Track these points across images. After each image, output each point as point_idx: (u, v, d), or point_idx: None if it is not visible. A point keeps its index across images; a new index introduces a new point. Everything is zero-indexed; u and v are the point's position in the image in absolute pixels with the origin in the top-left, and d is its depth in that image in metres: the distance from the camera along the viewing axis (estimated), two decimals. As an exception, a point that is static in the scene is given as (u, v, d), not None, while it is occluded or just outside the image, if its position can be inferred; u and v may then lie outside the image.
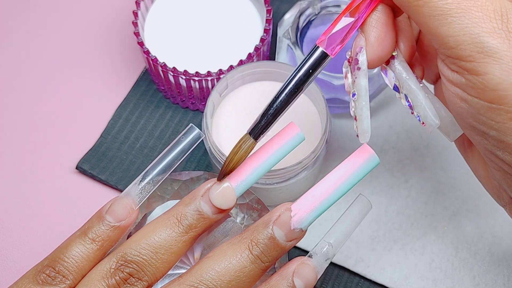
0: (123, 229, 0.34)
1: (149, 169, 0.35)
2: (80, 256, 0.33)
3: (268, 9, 0.49)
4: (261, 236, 0.33)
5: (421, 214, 0.49)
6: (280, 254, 0.33)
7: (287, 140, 0.35)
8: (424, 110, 0.34)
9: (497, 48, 0.28)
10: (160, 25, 0.51)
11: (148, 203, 0.39)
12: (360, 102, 0.34)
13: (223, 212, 0.34)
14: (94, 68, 0.55)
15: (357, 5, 0.33)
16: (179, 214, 0.33)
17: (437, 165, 0.50)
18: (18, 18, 0.57)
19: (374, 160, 0.34)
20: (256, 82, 0.47)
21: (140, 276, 0.32)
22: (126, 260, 0.32)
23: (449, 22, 0.29)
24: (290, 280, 0.33)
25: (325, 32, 0.34)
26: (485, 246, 0.48)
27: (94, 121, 0.53)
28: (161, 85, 0.51)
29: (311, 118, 0.45)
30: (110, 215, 0.34)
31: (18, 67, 0.55)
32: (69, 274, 0.32)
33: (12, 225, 0.50)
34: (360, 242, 0.48)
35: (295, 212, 0.33)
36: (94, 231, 0.34)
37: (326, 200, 0.34)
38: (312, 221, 0.33)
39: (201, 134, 0.36)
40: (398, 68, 0.34)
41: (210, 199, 0.34)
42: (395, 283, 0.47)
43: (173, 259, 0.33)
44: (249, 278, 0.32)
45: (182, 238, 0.33)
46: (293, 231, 0.33)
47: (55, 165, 0.51)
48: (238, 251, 0.32)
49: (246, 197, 0.39)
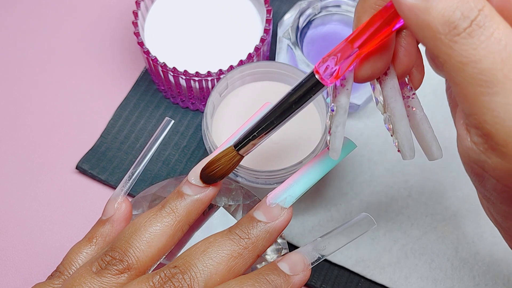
0: (111, 222, 0.35)
1: (132, 168, 0.37)
2: (82, 259, 0.35)
3: (268, 9, 0.49)
4: (242, 220, 0.33)
5: (421, 214, 0.49)
6: (264, 234, 0.33)
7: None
8: (402, 140, 0.32)
9: None
10: (160, 25, 0.51)
11: (150, 205, 0.39)
12: (337, 119, 0.32)
13: (205, 190, 0.34)
14: (94, 68, 0.55)
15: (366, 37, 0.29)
16: (164, 200, 0.34)
17: (437, 165, 0.50)
18: (18, 18, 0.57)
19: (348, 144, 0.34)
20: (256, 82, 0.47)
21: (121, 257, 0.32)
22: (112, 246, 0.33)
23: (493, 93, 0.25)
24: (275, 264, 0.32)
25: (324, 58, 0.30)
26: (485, 246, 0.48)
27: (94, 121, 0.53)
28: (161, 85, 0.51)
29: (311, 118, 0.45)
30: (103, 214, 0.36)
31: (18, 67, 0.55)
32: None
33: (12, 225, 0.50)
34: (360, 242, 0.48)
35: (270, 193, 0.33)
36: (92, 233, 0.36)
37: (300, 178, 0.34)
38: (289, 198, 0.33)
39: (169, 121, 0.37)
40: (387, 87, 0.32)
41: (188, 180, 0.34)
42: (395, 283, 0.47)
43: (158, 241, 0.33)
44: (227, 253, 0.32)
45: (165, 220, 0.33)
46: (270, 207, 0.33)
47: (55, 165, 0.51)
48: (219, 234, 0.33)
49: (248, 199, 0.39)
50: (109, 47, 0.56)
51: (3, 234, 0.49)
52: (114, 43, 0.56)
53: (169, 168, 0.51)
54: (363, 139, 0.51)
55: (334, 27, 0.51)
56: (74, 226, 0.50)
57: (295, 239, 0.48)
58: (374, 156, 0.51)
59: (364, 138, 0.51)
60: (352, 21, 0.51)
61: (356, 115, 0.52)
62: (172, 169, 0.51)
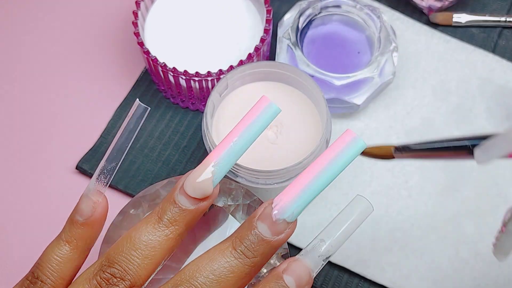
0: (92, 224, 0.34)
1: (103, 161, 0.34)
2: (56, 260, 0.33)
3: (268, 9, 0.49)
4: (246, 232, 0.31)
5: (421, 214, 0.49)
6: (269, 249, 0.32)
7: (260, 113, 0.33)
8: (509, 243, 0.31)
9: None
10: (160, 25, 0.51)
11: (150, 205, 0.39)
12: None
13: (203, 201, 0.33)
14: (94, 68, 0.55)
15: None
16: (160, 209, 0.33)
17: (437, 166, 0.50)
18: (18, 18, 0.57)
19: (358, 143, 0.32)
20: (256, 82, 0.47)
21: (123, 275, 0.31)
22: (109, 260, 0.32)
23: None
24: (280, 277, 0.31)
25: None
26: (486, 247, 0.48)
27: (94, 121, 0.53)
28: (161, 85, 0.51)
29: (311, 118, 0.45)
30: (78, 213, 0.34)
31: (18, 67, 0.55)
32: (47, 278, 0.33)
33: (12, 225, 0.50)
34: (360, 242, 0.48)
35: (276, 203, 0.32)
36: (66, 233, 0.34)
37: (307, 188, 0.32)
38: (296, 212, 0.32)
39: (145, 108, 0.34)
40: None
41: (185, 190, 0.32)
42: (395, 283, 0.47)
43: (158, 255, 0.32)
44: (235, 274, 0.31)
45: (164, 234, 0.32)
46: (276, 223, 0.31)
47: (55, 165, 0.51)
48: (222, 249, 0.32)
49: (248, 199, 0.39)
50: (109, 47, 0.56)
51: (3, 234, 0.49)
52: (114, 43, 0.56)
53: (169, 168, 0.51)
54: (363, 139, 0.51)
55: (334, 27, 0.51)
56: (74, 226, 0.50)
57: (295, 239, 0.48)
58: (374, 156, 0.51)
59: (364, 138, 0.51)
60: (352, 21, 0.51)
61: (356, 115, 0.52)
62: (172, 169, 0.51)
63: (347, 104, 0.49)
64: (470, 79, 0.53)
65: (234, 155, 0.32)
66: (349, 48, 0.51)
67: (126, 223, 0.38)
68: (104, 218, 0.34)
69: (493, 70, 0.53)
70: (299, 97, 0.46)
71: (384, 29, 0.49)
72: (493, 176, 0.50)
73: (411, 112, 0.52)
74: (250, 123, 0.32)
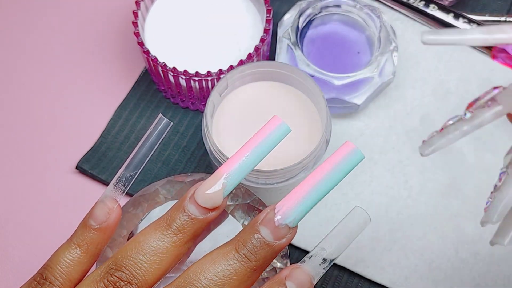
0: (104, 230, 0.34)
1: (122, 169, 0.35)
2: (66, 262, 0.33)
3: (268, 9, 0.49)
4: (248, 236, 0.32)
5: (421, 214, 0.49)
6: (270, 253, 0.33)
7: (272, 131, 0.34)
8: (499, 203, 0.31)
9: None
10: (160, 25, 0.51)
11: (150, 204, 0.39)
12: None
13: (213, 211, 0.34)
14: (94, 68, 0.55)
15: None
16: (169, 217, 0.33)
17: (437, 166, 0.50)
18: (18, 18, 0.57)
19: (356, 154, 0.33)
20: (256, 82, 0.47)
21: (130, 279, 0.32)
22: (116, 264, 0.32)
23: None
24: (283, 283, 0.32)
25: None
26: (485, 247, 0.48)
27: (94, 121, 0.53)
28: (161, 85, 0.51)
29: (311, 118, 0.45)
30: (91, 218, 0.34)
31: (18, 67, 0.55)
32: (56, 280, 0.33)
33: (12, 225, 0.50)
34: (360, 242, 0.48)
35: (278, 209, 0.33)
36: (78, 236, 0.34)
37: (308, 195, 0.33)
38: (298, 217, 0.33)
39: (169, 123, 0.35)
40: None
41: (196, 200, 0.33)
42: (395, 283, 0.47)
43: (165, 261, 0.33)
44: (237, 277, 0.32)
45: (172, 240, 0.33)
46: (278, 228, 0.32)
47: (55, 165, 0.51)
48: (226, 252, 0.32)
49: (248, 198, 0.39)
50: (109, 47, 0.56)
51: (3, 234, 0.49)
52: (114, 43, 0.56)
53: (169, 168, 0.51)
54: (363, 139, 0.51)
55: (334, 27, 0.51)
56: (74, 226, 0.49)
57: (295, 239, 0.48)
58: (374, 156, 0.51)
59: (364, 138, 0.51)
60: (352, 21, 0.51)
61: (356, 115, 0.52)
62: (172, 169, 0.51)
63: (347, 104, 0.49)
64: (470, 79, 0.53)
65: (244, 170, 0.33)
66: (349, 48, 0.51)
67: (125, 222, 0.38)
68: (116, 225, 0.35)
69: (493, 70, 0.53)
70: (299, 97, 0.46)
71: (384, 29, 0.49)
72: (493, 176, 0.50)
73: (411, 112, 0.52)
74: (262, 140, 0.33)
